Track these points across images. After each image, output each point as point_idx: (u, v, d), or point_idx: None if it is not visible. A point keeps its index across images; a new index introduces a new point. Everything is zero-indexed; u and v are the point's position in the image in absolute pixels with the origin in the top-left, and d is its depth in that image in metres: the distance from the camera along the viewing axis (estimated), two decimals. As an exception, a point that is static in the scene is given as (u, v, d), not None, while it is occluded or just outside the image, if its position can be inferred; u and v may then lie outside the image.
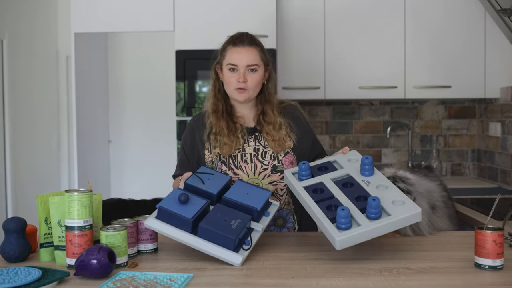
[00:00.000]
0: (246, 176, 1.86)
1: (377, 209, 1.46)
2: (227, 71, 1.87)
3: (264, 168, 1.87)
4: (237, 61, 1.84)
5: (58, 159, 5.01)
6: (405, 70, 3.27)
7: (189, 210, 1.52)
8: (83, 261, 1.34)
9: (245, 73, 1.84)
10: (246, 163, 1.87)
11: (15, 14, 4.31)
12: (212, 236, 1.47)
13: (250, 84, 1.85)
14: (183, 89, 3.14)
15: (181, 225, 1.50)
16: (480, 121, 3.58)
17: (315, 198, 1.58)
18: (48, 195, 1.55)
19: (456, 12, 3.25)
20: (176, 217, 1.51)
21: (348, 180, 1.65)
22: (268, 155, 1.88)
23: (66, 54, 4.92)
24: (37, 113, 4.64)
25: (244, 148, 1.89)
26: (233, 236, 1.46)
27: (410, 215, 1.47)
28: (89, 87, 3.64)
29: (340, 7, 3.26)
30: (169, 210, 1.52)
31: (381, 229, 1.45)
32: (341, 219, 1.44)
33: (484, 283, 1.32)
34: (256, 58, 1.86)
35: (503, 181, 3.23)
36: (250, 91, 1.87)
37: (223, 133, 1.88)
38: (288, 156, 1.89)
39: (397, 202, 1.52)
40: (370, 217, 1.47)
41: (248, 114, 1.96)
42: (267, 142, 1.89)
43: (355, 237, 1.43)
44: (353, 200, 1.54)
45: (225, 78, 1.88)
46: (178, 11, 3.16)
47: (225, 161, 1.87)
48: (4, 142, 4.16)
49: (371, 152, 3.65)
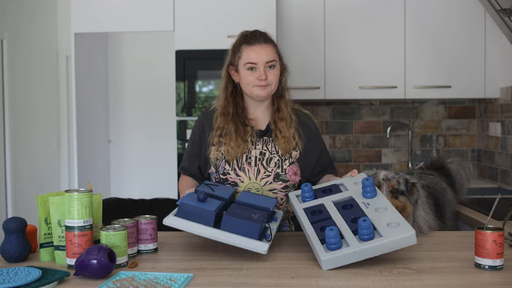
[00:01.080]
0: (248, 179, 1.85)
1: (368, 229, 1.43)
2: (245, 70, 1.84)
3: (266, 175, 1.85)
4: (255, 59, 1.82)
5: (58, 159, 5.01)
6: (405, 70, 3.27)
7: (210, 206, 1.53)
8: (83, 261, 1.34)
9: (265, 70, 1.83)
10: (250, 165, 1.86)
11: (15, 14, 4.32)
12: (236, 227, 1.47)
13: (271, 80, 1.84)
14: (183, 89, 3.14)
15: (203, 220, 1.50)
16: (480, 121, 3.58)
17: (312, 219, 1.58)
18: (48, 195, 1.55)
19: (456, 12, 3.25)
20: (198, 212, 1.50)
21: (348, 202, 1.64)
22: (273, 162, 1.86)
23: (66, 54, 4.93)
24: (37, 113, 4.64)
25: (251, 150, 1.87)
26: (258, 224, 1.48)
27: (403, 237, 1.41)
28: (89, 87, 3.64)
29: (340, 7, 3.26)
30: (191, 205, 1.51)
31: (371, 250, 1.40)
32: (330, 240, 1.42)
33: (484, 283, 1.32)
34: (273, 53, 1.85)
35: (503, 181, 3.23)
36: (272, 86, 1.86)
37: (230, 136, 1.86)
38: (292, 166, 1.87)
39: (392, 224, 1.47)
40: (362, 238, 1.44)
41: (261, 116, 1.93)
42: (276, 142, 1.88)
43: (343, 257, 1.40)
44: (348, 222, 1.52)
45: (243, 78, 1.85)
46: (178, 11, 3.16)
47: (229, 161, 1.87)
48: (4, 142, 4.16)
49: (371, 152, 3.66)
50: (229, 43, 1.96)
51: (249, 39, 1.85)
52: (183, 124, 3.14)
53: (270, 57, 1.84)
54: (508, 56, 3.15)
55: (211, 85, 3.20)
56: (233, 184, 1.86)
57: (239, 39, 1.89)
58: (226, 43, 2.34)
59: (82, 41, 3.34)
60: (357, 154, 3.66)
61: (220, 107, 1.91)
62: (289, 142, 1.87)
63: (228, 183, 1.86)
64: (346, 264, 1.41)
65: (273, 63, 1.85)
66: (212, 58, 3.05)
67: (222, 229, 1.49)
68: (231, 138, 1.85)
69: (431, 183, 2.19)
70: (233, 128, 1.86)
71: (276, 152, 1.87)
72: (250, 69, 1.84)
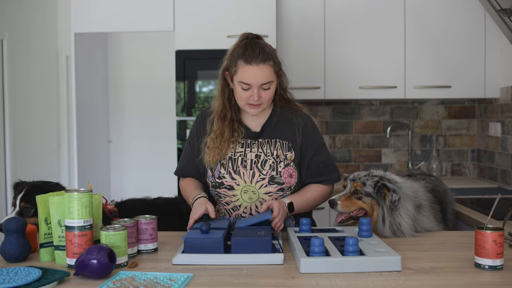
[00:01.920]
0: (243, 182, 1.84)
1: (354, 246, 1.43)
2: (239, 87, 1.81)
3: (261, 178, 1.84)
4: (250, 80, 1.77)
5: (58, 159, 5.01)
6: (405, 70, 3.27)
7: (215, 235, 1.55)
8: (83, 261, 1.34)
9: (259, 91, 1.79)
10: (246, 169, 1.85)
11: (15, 14, 4.32)
12: (247, 246, 1.49)
13: (264, 99, 1.81)
14: (183, 89, 3.14)
15: (212, 249, 1.51)
16: (480, 121, 3.58)
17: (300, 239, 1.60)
18: (48, 195, 1.55)
19: (456, 12, 3.25)
20: (205, 242, 1.52)
21: (342, 237, 1.66)
22: (267, 164, 1.85)
23: (66, 54, 4.93)
24: (37, 113, 4.64)
25: (246, 153, 1.87)
26: (268, 237, 1.50)
27: (387, 258, 1.41)
28: (89, 87, 3.64)
29: (340, 7, 3.26)
30: (197, 237, 1.53)
31: (353, 264, 1.39)
32: (315, 248, 1.43)
33: (484, 283, 1.32)
34: (270, 75, 1.79)
35: (503, 181, 3.23)
36: (264, 105, 1.84)
37: (222, 139, 1.86)
38: (288, 168, 1.86)
39: (380, 251, 1.48)
40: (346, 254, 1.44)
41: (255, 118, 1.91)
42: (271, 144, 1.87)
43: (322, 263, 1.39)
44: (338, 246, 1.52)
45: (237, 94, 1.83)
46: (178, 11, 3.16)
47: (224, 163, 1.86)
48: (4, 142, 4.16)
49: (371, 152, 3.65)
50: (229, 43, 1.94)
51: (247, 55, 1.78)
52: (183, 124, 3.14)
53: (265, 79, 1.78)
54: (508, 56, 3.15)
55: (211, 85, 3.20)
56: (229, 188, 1.85)
57: (238, 48, 1.82)
58: (226, 43, 2.35)
59: (82, 41, 3.34)
60: (357, 154, 3.66)
61: (218, 110, 1.90)
62: (283, 143, 1.87)
63: (223, 187, 1.86)
64: (325, 272, 1.38)
65: (268, 84, 1.80)
66: (212, 58, 3.04)
67: (233, 252, 1.50)
68: (223, 141, 1.85)
69: (435, 186, 2.19)
70: (227, 133, 1.86)
71: (271, 154, 1.86)
72: (244, 89, 1.80)
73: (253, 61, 1.77)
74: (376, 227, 1.79)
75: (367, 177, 1.84)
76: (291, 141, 1.88)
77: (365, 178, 1.84)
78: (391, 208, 1.78)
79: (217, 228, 1.65)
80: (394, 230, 1.77)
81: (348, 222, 1.85)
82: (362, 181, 1.84)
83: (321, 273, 1.38)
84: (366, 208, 1.83)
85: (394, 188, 1.79)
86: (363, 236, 1.64)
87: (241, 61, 1.78)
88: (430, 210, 1.92)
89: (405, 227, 1.77)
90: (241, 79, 1.79)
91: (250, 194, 1.84)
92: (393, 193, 1.77)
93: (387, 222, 1.77)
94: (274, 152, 1.86)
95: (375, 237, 1.64)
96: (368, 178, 1.83)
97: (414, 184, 1.97)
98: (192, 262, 1.48)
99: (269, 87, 1.81)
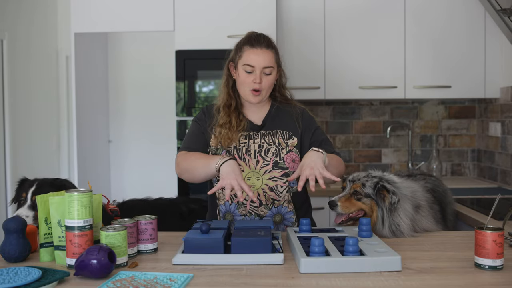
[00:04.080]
0: (248, 168, 1.90)
1: (354, 246, 1.44)
2: (242, 71, 1.90)
3: (265, 164, 1.91)
4: (254, 62, 1.87)
5: (58, 159, 5.01)
6: (405, 70, 3.27)
7: (215, 235, 1.55)
8: (83, 261, 1.34)
9: (261, 75, 1.88)
10: (250, 156, 1.91)
11: (15, 14, 4.32)
12: (247, 246, 1.49)
13: (264, 85, 1.90)
14: (183, 89, 3.14)
15: (212, 249, 1.51)
16: (480, 121, 3.58)
17: (300, 239, 1.60)
18: (48, 195, 1.55)
19: (456, 12, 3.25)
20: (205, 242, 1.52)
21: (342, 237, 1.66)
22: (270, 152, 1.92)
23: (66, 54, 4.93)
24: (37, 113, 4.64)
25: (250, 144, 1.93)
26: (268, 237, 1.50)
27: (387, 258, 1.41)
28: (89, 87, 3.64)
29: (340, 7, 3.26)
30: (197, 237, 1.53)
31: (353, 264, 1.39)
32: (314, 248, 1.44)
33: (484, 283, 1.32)
34: (272, 60, 1.90)
35: (503, 181, 3.23)
36: (264, 92, 1.92)
37: (229, 126, 1.91)
38: (291, 154, 1.92)
39: (380, 251, 1.48)
40: (346, 254, 1.44)
41: (256, 111, 2.00)
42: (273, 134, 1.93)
43: (322, 263, 1.39)
44: (337, 246, 1.52)
45: (240, 78, 1.92)
46: (178, 11, 3.16)
47: (230, 151, 1.92)
48: (4, 142, 4.16)
49: (371, 152, 3.66)
50: (229, 43, 1.99)
51: (252, 40, 1.90)
52: (183, 124, 3.14)
53: (268, 63, 1.88)
54: (508, 56, 3.15)
55: (211, 85, 3.20)
56: None
57: (244, 38, 1.94)
58: (226, 43, 2.35)
59: (82, 41, 3.34)
60: (357, 154, 3.66)
61: (223, 100, 1.98)
62: (284, 133, 1.94)
63: None
64: (326, 272, 1.38)
65: (270, 70, 1.90)
66: (212, 58, 3.05)
67: (233, 252, 1.50)
68: (231, 127, 1.91)
69: (435, 186, 2.18)
70: (234, 121, 1.93)
71: (273, 143, 1.93)
72: (248, 71, 1.89)
73: (258, 45, 1.89)
74: (376, 228, 1.79)
75: (367, 178, 1.84)
76: (292, 130, 1.97)
77: (365, 179, 1.84)
78: (390, 209, 1.78)
79: (217, 228, 1.65)
80: (393, 230, 1.77)
81: (347, 223, 1.85)
82: (361, 182, 1.84)
83: (321, 273, 1.38)
84: (366, 209, 1.83)
85: (393, 190, 1.79)
86: (363, 236, 1.64)
87: (247, 46, 1.90)
88: (429, 211, 1.92)
89: (404, 228, 1.77)
90: (246, 62, 1.88)
91: (254, 181, 1.89)
92: (393, 195, 1.78)
93: (386, 223, 1.78)
94: (276, 141, 1.94)
95: (375, 237, 1.64)
96: (368, 179, 1.83)
97: (412, 184, 1.97)
98: (192, 262, 1.48)
99: (271, 73, 1.90)
